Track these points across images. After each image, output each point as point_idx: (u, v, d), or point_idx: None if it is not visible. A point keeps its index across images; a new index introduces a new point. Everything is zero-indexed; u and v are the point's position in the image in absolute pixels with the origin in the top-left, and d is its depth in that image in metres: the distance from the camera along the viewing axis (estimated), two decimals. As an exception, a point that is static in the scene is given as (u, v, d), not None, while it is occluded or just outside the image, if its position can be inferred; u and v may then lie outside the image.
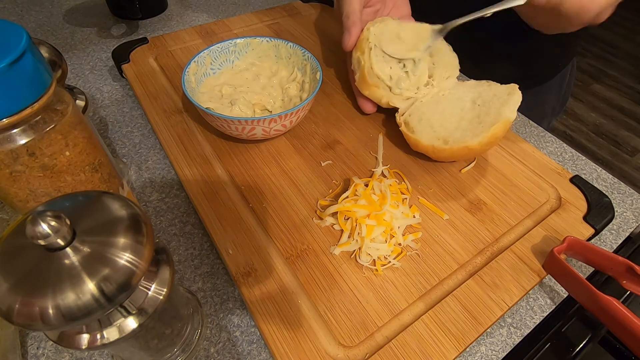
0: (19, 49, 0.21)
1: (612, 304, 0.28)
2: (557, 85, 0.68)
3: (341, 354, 0.28)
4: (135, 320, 0.21)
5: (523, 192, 0.39)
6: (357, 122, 0.45)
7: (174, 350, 0.28)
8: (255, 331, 0.31)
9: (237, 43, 0.46)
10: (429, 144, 0.38)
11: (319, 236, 0.35)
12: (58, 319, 0.16)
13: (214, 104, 0.43)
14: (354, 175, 0.39)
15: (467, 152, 0.37)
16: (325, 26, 0.60)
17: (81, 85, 0.51)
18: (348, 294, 0.31)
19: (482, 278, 0.33)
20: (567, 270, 0.31)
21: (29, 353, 0.29)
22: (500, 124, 0.36)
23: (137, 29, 0.61)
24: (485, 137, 0.36)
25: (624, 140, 1.82)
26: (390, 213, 0.34)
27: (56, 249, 0.17)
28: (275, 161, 0.41)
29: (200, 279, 0.34)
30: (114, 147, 0.44)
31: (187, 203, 0.39)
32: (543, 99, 0.67)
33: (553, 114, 0.71)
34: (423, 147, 0.39)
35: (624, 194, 0.42)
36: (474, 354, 0.31)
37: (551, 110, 0.70)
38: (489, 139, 0.36)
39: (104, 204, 0.19)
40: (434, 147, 0.38)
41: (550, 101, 0.68)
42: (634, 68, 2.19)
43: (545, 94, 0.67)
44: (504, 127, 0.36)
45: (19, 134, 0.22)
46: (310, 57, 0.44)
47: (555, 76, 0.66)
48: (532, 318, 0.33)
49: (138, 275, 0.18)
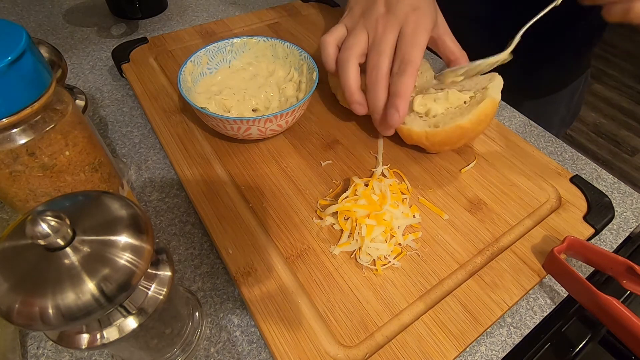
0: (19, 49, 0.20)
1: (612, 304, 0.28)
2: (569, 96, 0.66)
3: (341, 354, 0.28)
4: (135, 320, 0.21)
5: (523, 192, 0.39)
6: (357, 122, 0.45)
7: (174, 350, 0.28)
8: (255, 331, 0.31)
9: (234, 42, 0.46)
10: (422, 130, 0.38)
11: (319, 236, 0.35)
12: (58, 319, 0.16)
13: (210, 104, 0.43)
14: (354, 175, 0.39)
15: (461, 132, 0.37)
16: (325, 26, 0.60)
17: (81, 85, 0.51)
18: (348, 294, 0.31)
19: (482, 278, 0.33)
20: (567, 270, 0.31)
21: (29, 353, 0.29)
22: (489, 101, 0.36)
23: (137, 28, 0.61)
24: (475, 115, 0.36)
25: (624, 140, 1.82)
26: (390, 213, 0.34)
27: (56, 249, 0.17)
28: (275, 161, 0.41)
29: (200, 278, 0.34)
30: (114, 147, 0.44)
31: (187, 203, 0.39)
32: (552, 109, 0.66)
33: (562, 125, 0.70)
34: (416, 134, 0.39)
35: (624, 193, 0.42)
36: (474, 354, 0.31)
37: (560, 120, 0.68)
38: (479, 116, 0.36)
39: (104, 204, 0.19)
40: (427, 133, 0.38)
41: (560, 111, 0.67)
42: (634, 68, 2.19)
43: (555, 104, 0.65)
44: (492, 105, 0.37)
45: (18, 133, 0.22)
46: (307, 57, 0.44)
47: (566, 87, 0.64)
48: (532, 318, 0.33)
49: (138, 275, 0.18)
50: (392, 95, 0.37)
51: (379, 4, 0.41)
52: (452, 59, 0.42)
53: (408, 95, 0.37)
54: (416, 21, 0.39)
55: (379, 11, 0.41)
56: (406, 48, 0.38)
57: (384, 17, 0.40)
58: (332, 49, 0.42)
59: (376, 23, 0.40)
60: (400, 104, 0.37)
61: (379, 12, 0.41)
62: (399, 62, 0.38)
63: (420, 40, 0.38)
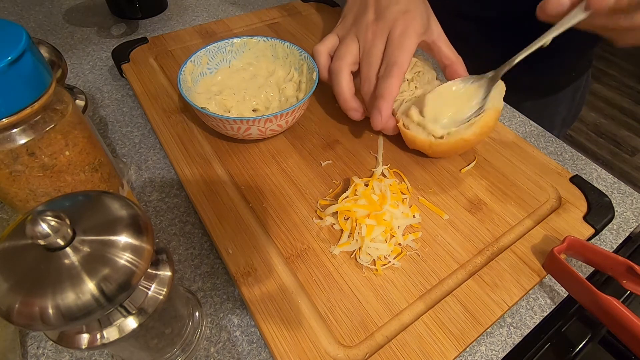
0: (19, 49, 0.20)
1: (612, 304, 0.28)
2: (570, 96, 0.66)
3: (341, 354, 0.28)
4: (135, 320, 0.21)
5: (523, 192, 0.39)
6: (357, 122, 0.45)
7: (174, 350, 0.28)
8: (255, 331, 0.31)
9: (234, 42, 0.46)
10: (426, 139, 0.38)
11: (319, 236, 0.35)
12: (58, 319, 0.16)
13: (210, 104, 0.43)
14: (354, 175, 0.39)
15: (464, 144, 0.37)
16: (325, 26, 0.60)
17: (81, 85, 0.51)
18: (348, 294, 0.31)
19: (482, 278, 0.33)
20: (567, 270, 0.31)
21: (29, 353, 0.29)
22: (492, 111, 0.37)
23: (137, 28, 0.61)
24: (479, 128, 0.36)
25: (624, 140, 1.82)
26: (390, 213, 0.34)
27: (56, 249, 0.17)
28: (275, 161, 0.41)
29: (200, 278, 0.34)
30: (114, 147, 0.44)
31: (187, 203, 0.39)
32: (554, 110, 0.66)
33: (564, 125, 0.70)
34: (420, 142, 0.39)
35: (624, 193, 0.42)
36: (474, 354, 0.31)
37: (561, 121, 0.68)
38: (482, 128, 0.37)
39: (104, 204, 0.19)
40: (431, 143, 0.38)
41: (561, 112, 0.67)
42: (634, 68, 2.19)
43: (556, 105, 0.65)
44: (495, 114, 0.37)
45: (18, 133, 0.22)
46: (307, 57, 0.44)
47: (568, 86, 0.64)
48: (532, 318, 0.33)
49: (138, 275, 0.18)
50: (375, 96, 0.38)
51: (369, 11, 0.41)
52: (447, 64, 0.42)
53: (391, 96, 0.37)
54: (404, 24, 0.39)
55: (369, 18, 0.41)
56: (392, 51, 0.38)
57: (373, 24, 0.40)
58: (325, 58, 0.43)
59: (366, 30, 0.40)
60: (383, 105, 0.37)
61: (369, 19, 0.41)
62: (385, 65, 0.38)
63: (408, 42, 0.38)
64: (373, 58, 0.39)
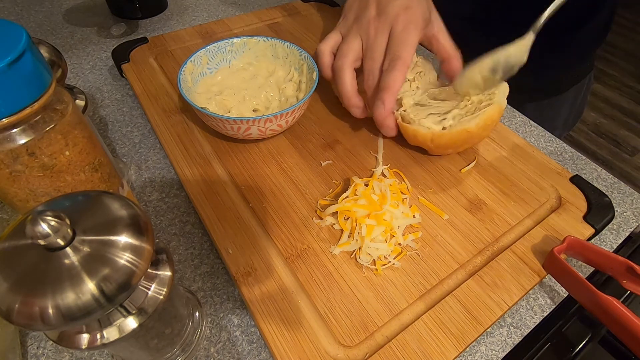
0: (19, 49, 0.20)
1: (612, 304, 0.28)
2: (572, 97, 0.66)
3: (341, 354, 0.28)
4: (135, 320, 0.21)
5: (523, 192, 0.39)
6: (357, 121, 0.45)
7: (174, 350, 0.28)
8: (255, 331, 0.31)
9: (234, 42, 0.46)
10: (428, 132, 0.38)
11: (319, 236, 0.35)
12: (58, 319, 0.16)
13: (210, 104, 0.43)
14: (354, 175, 0.39)
15: (466, 136, 0.37)
16: (325, 26, 0.60)
17: (81, 85, 0.51)
18: (348, 294, 0.31)
19: (482, 278, 0.33)
20: (567, 270, 0.31)
21: (29, 353, 0.29)
22: (496, 106, 0.37)
23: (137, 28, 0.61)
24: (482, 120, 0.36)
25: (624, 140, 1.82)
26: (390, 213, 0.34)
27: (56, 249, 0.17)
28: (275, 161, 0.41)
29: (200, 278, 0.34)
30: (114, 147, 0.44)
31: (187, 203, 0.39)
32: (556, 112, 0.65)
33: (565, 127, 0.70)
34: (422, 135, 0.38)
35: (624, 193, 0.42)
36: (474, 354, 0.31)
37: (563, 122, 0.68)
38: (485, 121, 0.36)
39: (103, 204, 0.19)
40: (432, 134, 0.38)
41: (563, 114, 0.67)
42: (634, 68, 2.19)
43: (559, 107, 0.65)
44: (499, 110, 0.37)
45: (18, 133, 0.22)
46: (307, 57, 0.44)
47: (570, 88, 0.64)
48: (532, 318, 0.33)
49: (138, 275, 0.18)
50: (379, 89, 0.38)
51: (370, 8, 0.41)
52: (445, 57, 0.42)
53: (395, 89, 0.37)
54: (406, 19, 0.39)
55: (370, 14, 0.41)
56: (396, 46, 0.38)
57: (375, 20, 0.40)
58: (327, 57, 0.43)
59: (368, 27, 0.40)
60: (387, 97, 0.37)
61: (371, 15, 0.41)
62: (389, 60, 0.38)
63: (410, 37, 0.38)
64: (376, 53, 0.39)
